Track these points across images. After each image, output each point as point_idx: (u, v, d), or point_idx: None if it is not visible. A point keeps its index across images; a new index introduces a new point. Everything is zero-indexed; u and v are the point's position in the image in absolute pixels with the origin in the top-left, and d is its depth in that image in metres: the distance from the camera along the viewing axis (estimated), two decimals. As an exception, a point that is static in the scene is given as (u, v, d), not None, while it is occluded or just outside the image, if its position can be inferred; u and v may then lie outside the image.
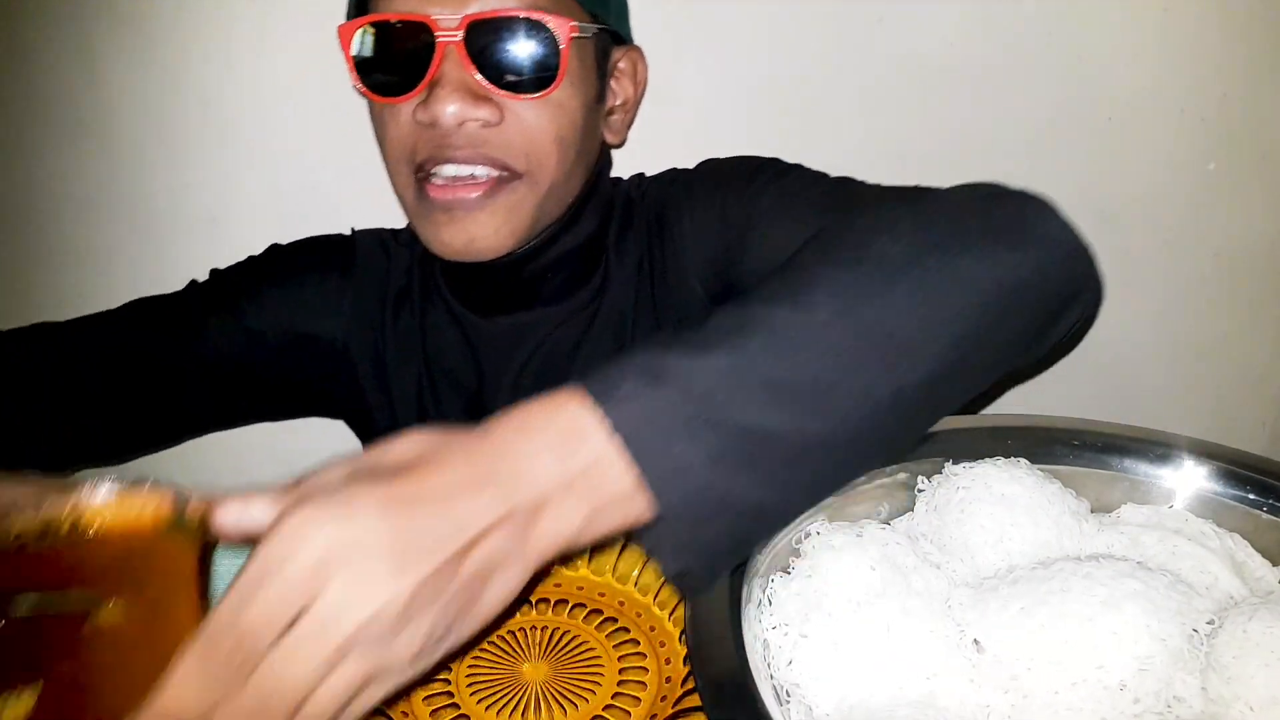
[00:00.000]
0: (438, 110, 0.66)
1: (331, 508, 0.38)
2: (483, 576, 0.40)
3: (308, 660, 0.36)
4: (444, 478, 0.40)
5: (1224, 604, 0.47)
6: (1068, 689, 0.43)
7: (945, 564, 0.49)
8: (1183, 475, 0.54)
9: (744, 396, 0.43)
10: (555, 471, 0.41)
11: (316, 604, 0.36)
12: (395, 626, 0.37)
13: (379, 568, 0.37)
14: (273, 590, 0.36)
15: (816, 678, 0.44)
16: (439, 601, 0.38)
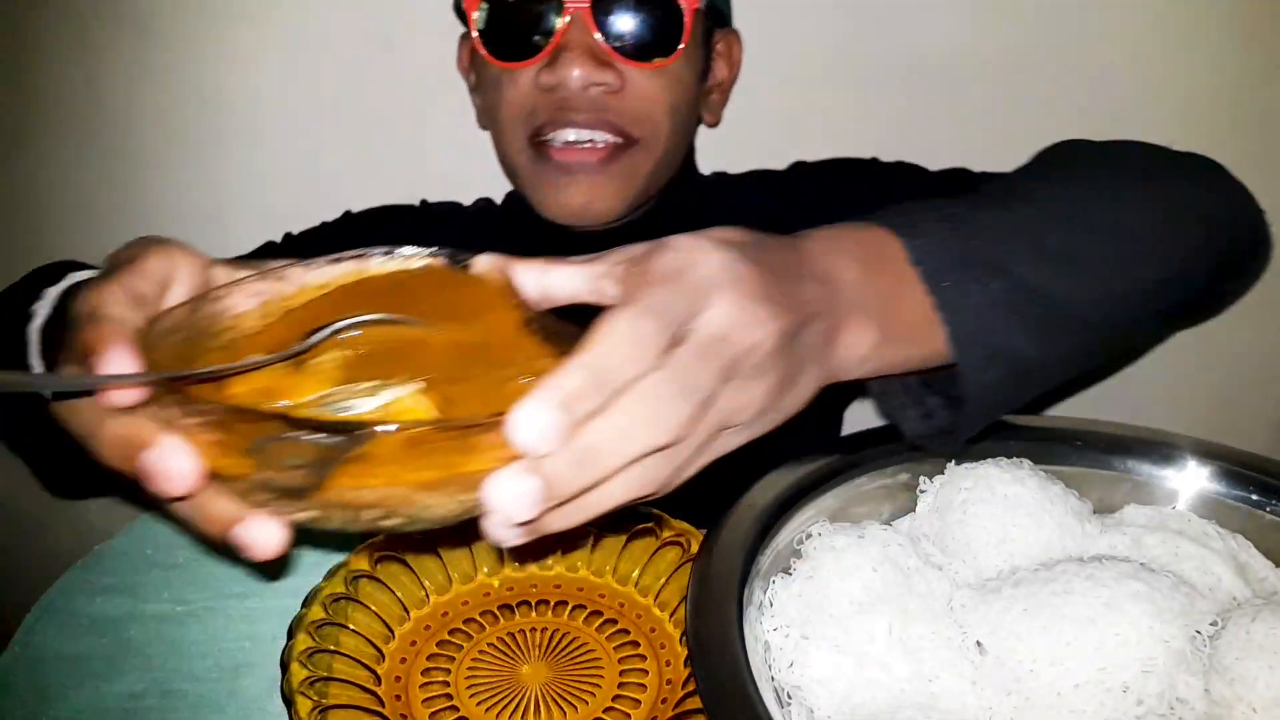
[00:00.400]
0: (564, 73, 0.68)
1: (716, 246, 0.38)
2: (801, 362, 0.40)
3: (699, 372, 0.35)
4: (778, 257, 0.40)
5: (1227, 605, 0.47)
6: (1070, 691, 0.43)
7: (947, 565, 0.49)
8: (1186, 476, 0.54)
9: (1028, 253, 0.47)
10: (861, 284, 0.43)
11: (705, 315, 0.36)
12: (759, 369, 0.37)
13: (759, 307, 0.37)
14: (675, 289, 0.36)
15: (818, 680, 0.44)
16: (783, 365, 0.38)
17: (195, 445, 0.33)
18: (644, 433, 0.34)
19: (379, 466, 0.32)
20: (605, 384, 0.33)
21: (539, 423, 0.32)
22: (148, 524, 0.66)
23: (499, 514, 0.33)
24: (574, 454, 0.33)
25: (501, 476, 0.32)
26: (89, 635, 0.57)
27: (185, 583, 0.61)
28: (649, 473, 0.36)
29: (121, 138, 0.95)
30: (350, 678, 0.51)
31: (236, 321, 0.40)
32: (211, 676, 0.55)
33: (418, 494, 0.33)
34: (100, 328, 0.35)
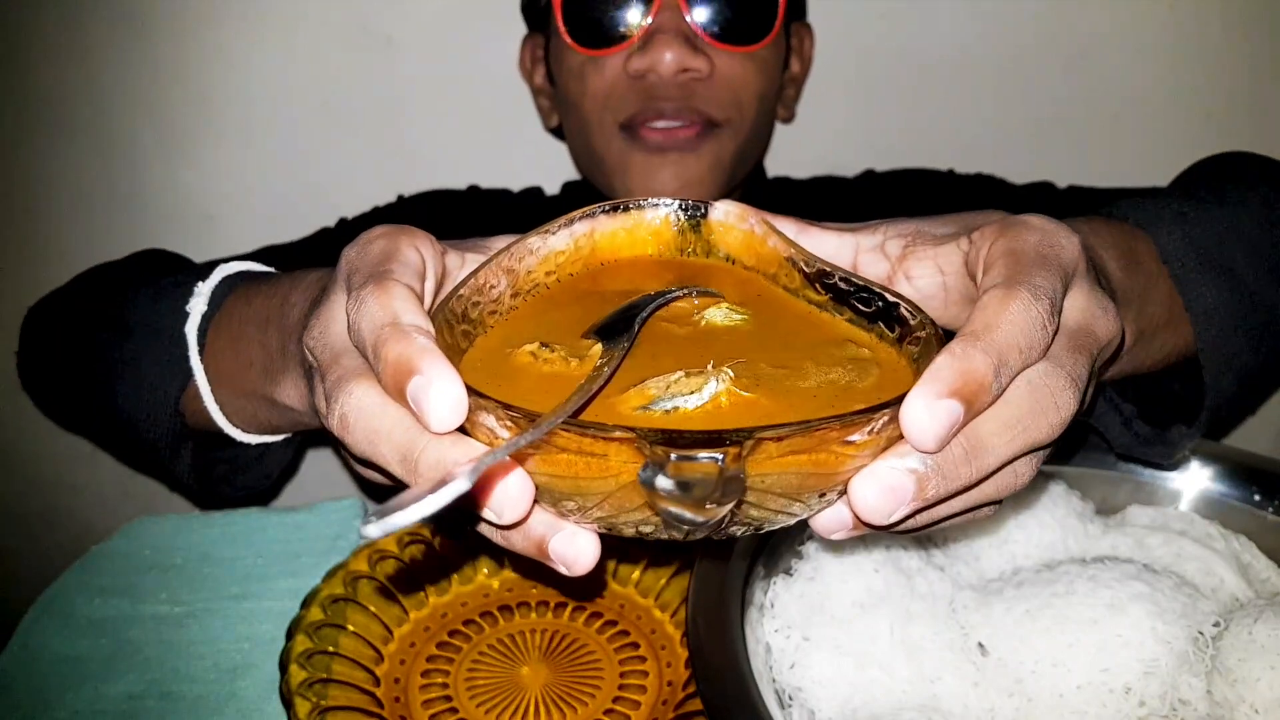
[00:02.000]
0: (655, 58, 0.69)
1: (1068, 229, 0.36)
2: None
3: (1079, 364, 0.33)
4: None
5: (1229, 606, 0.47)
6: (1072, 692, 0.43)
7: (949, 566, 0.49)
8: (1189, 477, 0.53)
9: (1246, 255, 0.47)
10: (1123, 279, 0.42)
11: (1070, 304, 0.34)
12: (1104, 365, 0.35)
13: (1108, 300, 0.35)
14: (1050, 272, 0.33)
15: (819, 681, 0.44)
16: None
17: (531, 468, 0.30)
18: (1035, 427, 0.31)
19: (757, 474, 0.29)
20: (1005, 371, 0.30)
21: (941, 413, 0.29)
22: (146, 525, 0.66)
23: (868, 511, 0.30)
24: (962, 447, 0.30)
25: (879, 472, 0.30)
26: (87, 636, 0.57)
27: (184, 584, 0.61)
28: (1020, 471, 0.33)
29: (119, 135, 0.94)
30: (349, 679, 0.51)
31: (498, 303, 0.39)
32: (210, 678, 0.54)
33: (778, 499, 0.31)
34: (413, 344, 0.31)
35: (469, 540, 0.58)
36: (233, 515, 0.66)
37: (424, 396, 0.30)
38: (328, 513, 0.66)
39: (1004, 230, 0.35)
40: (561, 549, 0.32)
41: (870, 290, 0.37)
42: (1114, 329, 0.35)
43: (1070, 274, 0.34)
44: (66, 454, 1.03)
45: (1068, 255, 0.34)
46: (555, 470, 0.30)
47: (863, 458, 0.30)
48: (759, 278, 0.41)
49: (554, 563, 0.32)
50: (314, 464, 1.02)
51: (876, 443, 0.30)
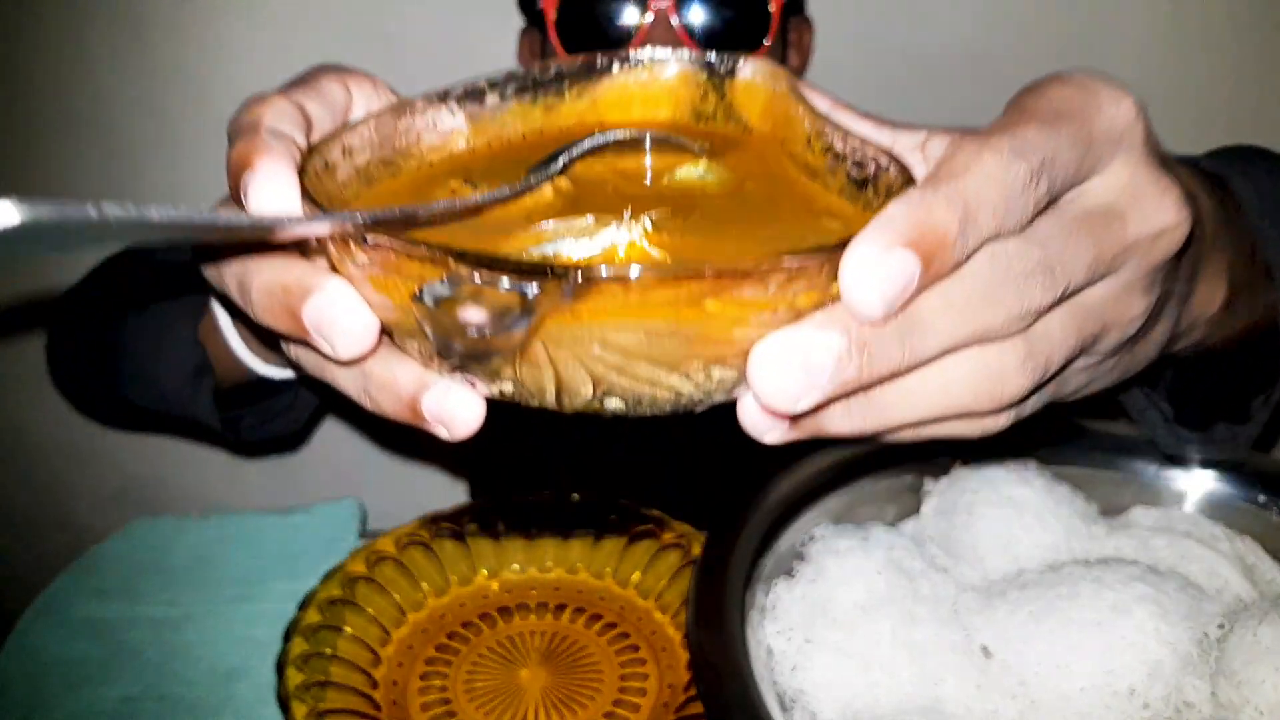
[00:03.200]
0: None
1: (1125, 89, 0.29)
2: (1167, 297, 0.32)
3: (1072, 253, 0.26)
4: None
5: (1234, 608, 0.47)
6: (1076, 694, 0.43)
7: (952, 568, 0.49)
8: (1193, 478, 0.53)
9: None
10: (1214, 218, 0.37)
11: (1100, 179, 0.28)
12: (1149, 275, 0.28)
13: (1171, 186, 0.28)
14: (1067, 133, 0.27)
15: (821, 684, 0.43)
16: (1163, 287, 0.30)
17: (367, 295, 0.26)
18: (985, 313, 0.25)
19: (595, 327, 0.24)
20: (972, 230, 0.24)
21: (893, 267, 0.23)
22: (143, 527, 0.66)
23: (777, 395, 0.24)
24: (894, 321, 0.24)
25: (789, 341, 0.24)
26: (83, 638, 0.57)
27: (181, 586, 0.60)
28: (972, 379, 0.26)
29: (117, 135, 0.94)
30: (347, 682, 0.51)
31: (443, 143, 0.33)
32: (207, 681, 0.54)
33: (648, 367, 0.25)
34: (257, 139, 0.28)
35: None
36: (230, 517, 0.66)
37: (249, 189, 0.27)
38: (326, 515, 0.66)
39: (1034, 86, 0.29)
40: (434, 407, 0.27)
41: (864, 153, 0.31)
42: (1169, 219, 0.28)
43: (1106, 142, 0.27)
44: (64, 455, 1.03)
45: (1105, 119, 0.27)
46: (385, 296, 0.26)
47: (765, 324, 0.24)
48: (775, 150, 0.35)
49: (430, 425, 0.28)
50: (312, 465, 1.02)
51: (782, 305, 0.24)
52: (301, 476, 1.02)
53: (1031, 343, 0.26)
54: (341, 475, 1.02)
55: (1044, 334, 0.27)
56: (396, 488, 1.01)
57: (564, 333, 0.24)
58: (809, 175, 0.33)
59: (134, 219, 0.20)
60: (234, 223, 0.24)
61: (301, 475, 1.02)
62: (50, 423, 1.00)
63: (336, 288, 0.26)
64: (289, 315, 0.27)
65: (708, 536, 0.48)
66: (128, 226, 0.20)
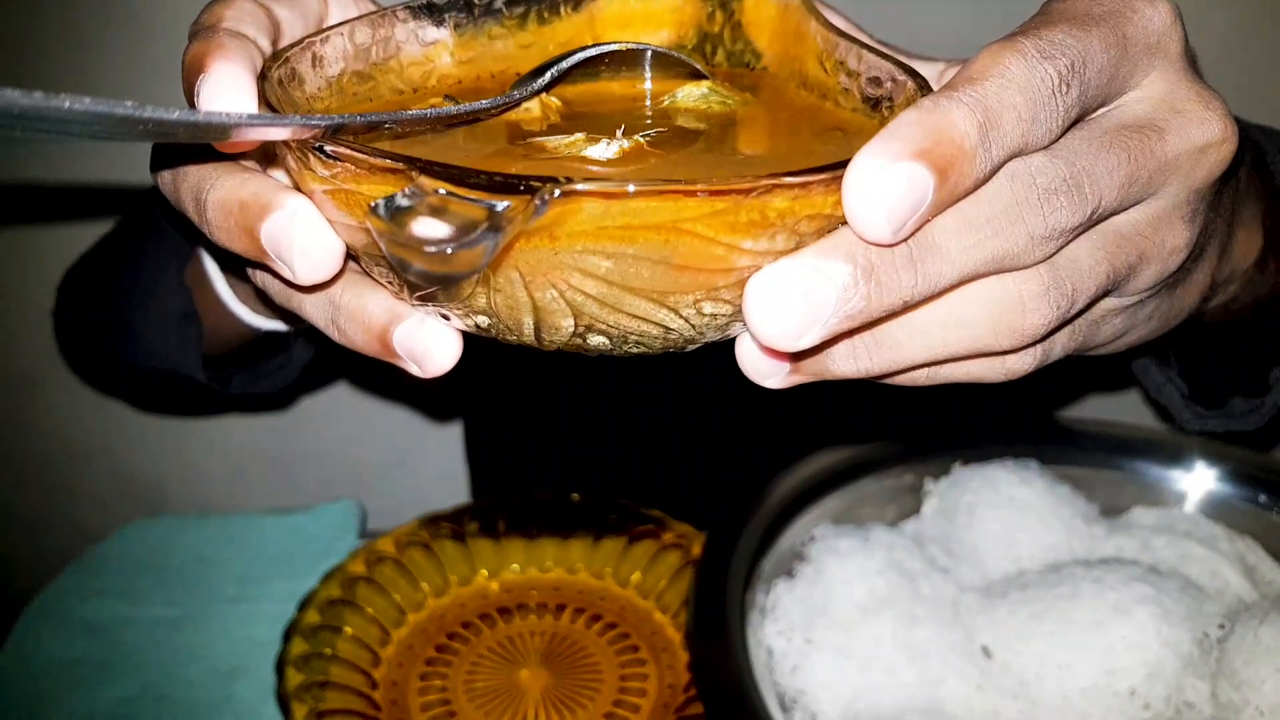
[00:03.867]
0: None
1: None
2: (1209, 236, 0.30)
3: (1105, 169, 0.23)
4: None
5: (1235, 608, 0.47)
6: (1077, 695, 0.43)
7: (953, 568, 0.49)
8: (1194, 478, 0.53)
9: None
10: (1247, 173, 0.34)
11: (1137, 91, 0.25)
12: (1192, 200, 0.25)
13: (1213, 99, 0.25)
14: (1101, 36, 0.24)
15: (821, 685, 0.43)
16: (1204, 218, 0.27)
17: (331, 214, 0.24)
18: (1001, 231, 0.22)
19: (573, 252, 0.21)
20: (996, 138, 0.21)
21: (900, 180, 0.20)
22: (142, 527, 0.66)
23: (776, 331, 0.21)
24: (905, 244, 0.21)
25: (788, 270, 0.21)
26: (82, 639, 0.57)
27: (179, 586, 0.60)
28: (990, 310, 0.23)
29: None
30: (346, 683, 0.51)
31: (425, 57, 0.31)
32: (206, 681, 0.54)
33: (633, 299, 0.22)
34: (214, 39, 0.25)
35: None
36: (230, 517, 0.66)
37: (200, 92, 0.24)
38: (325, 515, 0.66)
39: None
40: (406, 340, 0.25)
41: (881, 67, 0.28)
42: (1214, 133, 0.25)
43: (1142, 48, 0.24)
44: (64, 455, 1.03)
45: (1141, 21, 0.24)
46: (349, 214, 0.23)
47: (761, 251, 0.21)
48: (785, 73, 0.32)
49: (402, 360, 0.26)
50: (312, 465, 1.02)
51: (780, 229, 0.21)
52: (301, 477, 1.02)
53: (1056, 269, 0.23)
54: (341, 475, 1.01)
55: (1070, 260, 0.24)
56: (396, 488, 1.01)
57: (540, 258, 0.21)
58: (821, 96, 0.30)
59: (101, 111, 0.19)
60: (186, 120, 0.21)
61: (301, 475, 1.02)
62: (50, 423, 1.00)
63: (296, 205, 0.24)
64: (246, 235, 0.25)
65: (708, 537, 0.48)
66: (91, 117, 0.19)
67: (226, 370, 0.58)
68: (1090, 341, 0.27)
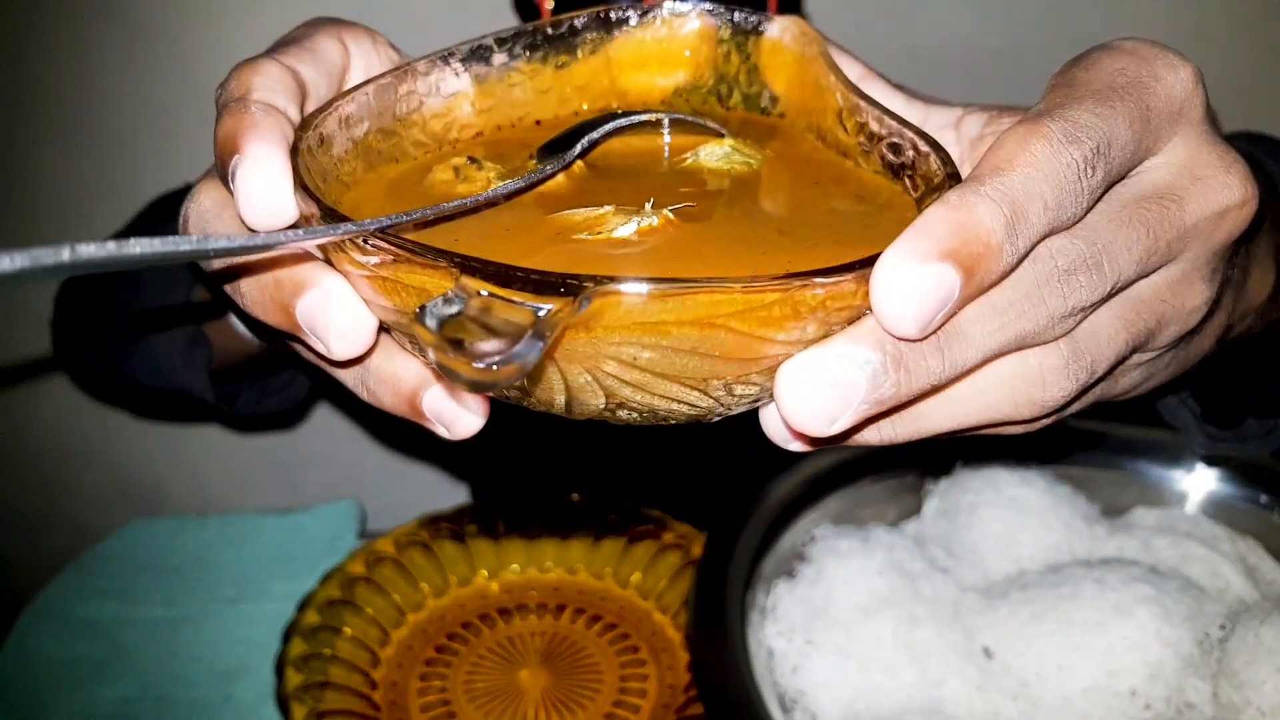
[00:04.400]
0: None
1: (1182, 57, 0.26)
2: (1225, 285, 0.29)
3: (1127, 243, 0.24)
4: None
5: (1235, 609, 0.47)
6: (1078, 695, 0.42)
7: (954, 569, 0.49)
8: (1195, 478, 0.53)
9: None
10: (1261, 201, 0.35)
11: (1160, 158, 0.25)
12: (1210, 262, 0.26)
13: (1235, 164, 0.25)
14: (1122, 111, 0.24)
15: (822, 685, 0.43)
16: (1223, 275, 0.27)
17: (365, 292, 0.24)
18: (1023, 313, 0.22)
19: (609, 343, 0.22)
20: (1023, 229, 0.22)
21: (928, 282, 0.21)
22: (142, 527, 0.65)
23: (809, 418, 0.22)
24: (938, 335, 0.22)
25: (819, 361, 0.22)
26: (81, 639, 0.57)
27: (179, 586, 0.60)
28: (1013, 386, 0.24)
29: (115, 134, 0.94)
30: (346, 683, 0.51)
31: (446, 108, 0.31)
32: (205, 681, 0.54)
33: (665, 383, 0.23)
34: (246, 115, 0.26)
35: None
36: (229, 518, 0.66)
37: (237, 176, 0.25)
38: (324, 515, 0.65)
39: (1081, 58, 0.26)
40: (436, 405, 0.26)
41: (902, 135, 0.28)
42: (1234, 197, 0.25)
43: (1164, 117, 0.24)
44: (63, 455, 1.03)
45: (1164, 90, 0.24)
46: (386, 299, 0.24)
47: (792, 341, 0.22)
48: (803, 126, 0.32)
49: (431, 423, 0.26)
50: (312, 465, 1.02)
51: (813, 322, 0.22)
52: (301, 477, 1.02)
53: (1076, 344, 0.24)
54: (341, 475, 1.01)
55: (1090, 334, 0.24)
56: (396, 488, 1.01)
57: (577, 348, 0.22)
58: (840, 153, 0.31)
59: (110, 255, 0.18)
60: (225, 247, 0.21)
61: (301, 475, 1.02)
62: (49, 423, 1.00)
63: (332, 285, 0.24)
64: (280, 310, 0.25)
65: (708, 537, 0.47)
66: (104, 262, 0.19)
67: (234, 385, 0.58)
68: (1108, 394, 0.28)
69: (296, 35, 0.31)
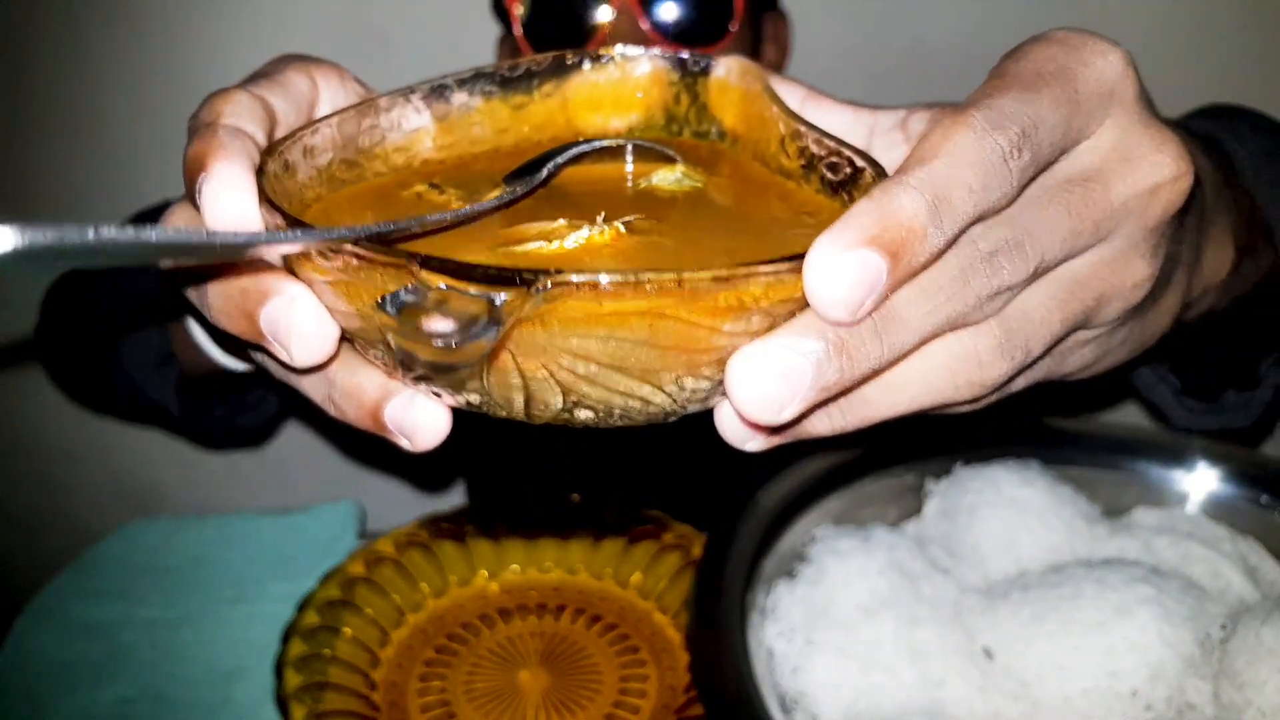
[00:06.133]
0: None
1: (1112, 43, 0.27)
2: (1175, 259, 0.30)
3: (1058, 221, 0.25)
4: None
5: (1237, 609, 0.46)
6: (1078, 696, 0.42)
7: (954, 569, 0.49)
8: (1196, 478, 0.53)
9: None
10: (1212, 177, 0.35)
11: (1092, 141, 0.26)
12: (1148, 239, 0.26)
13: (1168, 143, 0.26)
14: (1052, 97, 0.24)
15: (822, 686, 0.43)
16: (1165, 249, 0.28)
17: (328, 300, 0.25)
18: (951, 295, 0.24)
19: (565, 336, 0.23)
20: (948, 213, 0.23)
21: (852, 267, 0.22)
22: (140, 528, 0.65)
23: (759, 406, 0.23)
24: (870, 318, 0.23)
25: (765, 352, 0.23)
26: (80, 640, 0.56)
27: (177, 587, 0.60)
28: (951, 368, 0.25)
29: (114, 134, 0.94)
30: (345, 684, 0.50)
31: (408, 143, 0.32)
32: (204, 682, 0.54)
33: (620, 377, 0.24)
34: (214, 138, 0.27)
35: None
36: (228, 518, 0.66)
37: (203, 193, 0.26)
38: (323, 516, 0.65)
39: (1014, 51, 0.27)
40: (398, 417, 0.27)
41: (839, 154, 0.30)
42: (1166, 173, 0.25)
43: (1095, 101, 0.25)
44: (62, 456, 1.03)
45: (1093, 74, 0.25)
46: (348, 303, 0.25)
47: (739, 333, 0.23)
48: (750, 155, 0.34)
49: (394, 435, 0.27)
50: (310, 466, 1.02)
51: (756, 312, 0.23)
52: (300, 477, 1.02)
53: (1009, 325, 0.25)
54: (340, 476, 1.01)
55: (1022, 314, 0.25)
56: (396, 489, 1.01)
57: (533, 341, 0.23)
58: (784, 175, 0.33)
59: (131, 240, 0.20)
60: (232, 241, 0.23)
61: (300, 476, 1.02)
62: (48, 423, 1.00)
63: (295, 293, 0.25)
64: (245, 319, 0.26)
65: (708, 537, 0.47)
66: (124, 247, 0.20)
67: (207, 402, 0.59)
68: (1057, 370, 0.29)
69: (267, 69, 0.32)
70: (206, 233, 0.23)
